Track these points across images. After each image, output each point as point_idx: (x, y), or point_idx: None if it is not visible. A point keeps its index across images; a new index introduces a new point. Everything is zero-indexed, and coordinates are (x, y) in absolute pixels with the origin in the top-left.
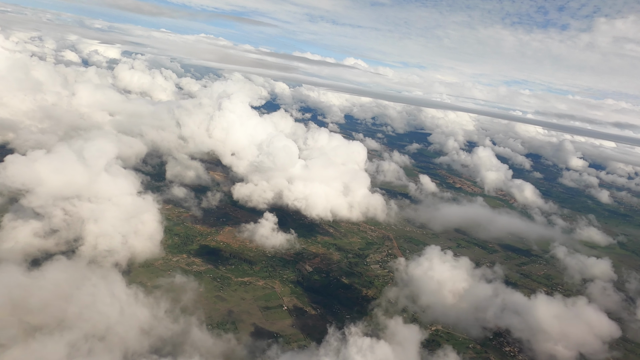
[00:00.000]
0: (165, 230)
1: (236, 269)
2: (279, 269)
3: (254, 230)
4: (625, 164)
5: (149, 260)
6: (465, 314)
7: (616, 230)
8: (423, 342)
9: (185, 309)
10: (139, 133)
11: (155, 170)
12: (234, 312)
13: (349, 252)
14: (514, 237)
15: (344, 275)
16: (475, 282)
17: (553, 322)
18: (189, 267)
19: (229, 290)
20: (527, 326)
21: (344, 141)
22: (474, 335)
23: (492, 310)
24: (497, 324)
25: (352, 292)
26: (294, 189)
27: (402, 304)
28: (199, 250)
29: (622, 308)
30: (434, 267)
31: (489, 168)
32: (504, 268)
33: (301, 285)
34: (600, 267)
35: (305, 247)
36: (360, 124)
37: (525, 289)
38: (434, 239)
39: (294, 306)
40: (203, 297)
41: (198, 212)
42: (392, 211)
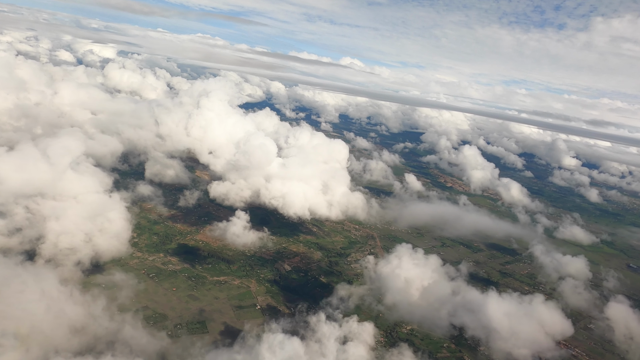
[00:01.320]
0: (145, 229)
1: (213, 268)
2: (256, 268)
3: (226, 229)
4: (619, 163)
5: (124, 259)
6: (429, 312)
7: (604, 229)
8: (397, 341)
9: (148, 308)
10: (116, 131)
11: (138, 169)
12: (205, 311)
13: (331, 251)
14: (498, 236)
15: (323, 275)
16: (441, 280)
17: (503, 321)
18: (164, 266)
19: (203, 290)
20: (479, 325)
21: (326, 140)
22: (439, 334)
23: (447, 308)
24: (452, 322)
25: (329, 291)
26: (271, 187)
27: (367, 302)
28: (177, 250)
29: (594, 306)
30: (402, 266)
31: (474, 167)
32: (486, 267)
33: (278, 285)
34: (575, 265)
35: (286, 246)
36: (354, 123)
37: (506, 287)
38: (418, 238)
39: (267, 305)
40: (175, 297)
41: (180, 211)
42: (374, 210)
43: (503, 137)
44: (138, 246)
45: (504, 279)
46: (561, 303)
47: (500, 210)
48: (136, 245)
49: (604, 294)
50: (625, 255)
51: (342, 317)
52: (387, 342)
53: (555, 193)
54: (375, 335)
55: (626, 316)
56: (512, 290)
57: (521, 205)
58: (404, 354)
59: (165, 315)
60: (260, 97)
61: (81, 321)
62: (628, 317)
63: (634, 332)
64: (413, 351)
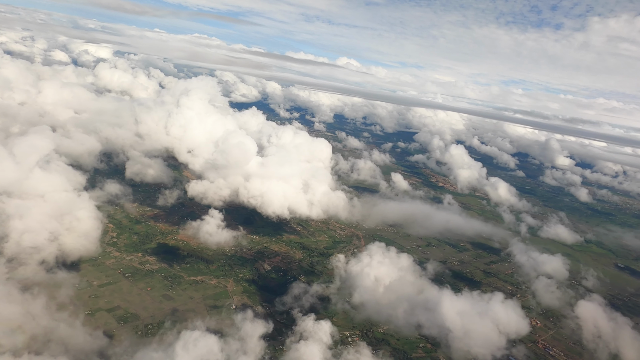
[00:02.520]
0: (125, 228)
1: (191, 267)
2: (236, 268)
3: (199, 228)
4: (614, 163)
5: (101, 259)
6: (395, 310)
7: (594, 229)
8: (373, 341)
9: (120, 307)
10: (96, 130)
11: (120, 168)
12: (178, 311)
13: (314, 251)
14: (484, 235)
15: (303, 274)
16: (409, 279)
17: (457, 320)
18: (141, 266)
19: (179, 289)
20: (434, 324)
21: (309, 139)
22: (407, 333)
23: (410, 307)
24: (410, 320)
25: (305, 291)
26: (250, 186)
27: (334, 301)
28: (156, 249)
29: (567, 304)
30: (372, 265)
31: (460, 166)
32: (471, 266)
33: (255, 284)
34: (552, 264)
35: (267, 246)
36: (349, 123)
37: (488, 287)
38: (404, 238)
39: (242, 305)
40: (149, 296)
41: (163, 210)
42: (357, 209)
43: (497, 136)
44: (117, 246)
45: (487, 279)
46: (535, 302)
47: (486, 210)
48: (115, 245)
49: (579, 293)
50: (614, 255)
51: (301, 315)
52: (362, 342)
53: (547, 193)
54: (333, 333)
55: (595, 315)
56: (493, 290)
57: (508, 204)
58: (362, 353)
59: (137, 315)
60: (256, 97)
61: (20, 320)
62: (597, 316)
63: (603, 331)
64: (372, 349)
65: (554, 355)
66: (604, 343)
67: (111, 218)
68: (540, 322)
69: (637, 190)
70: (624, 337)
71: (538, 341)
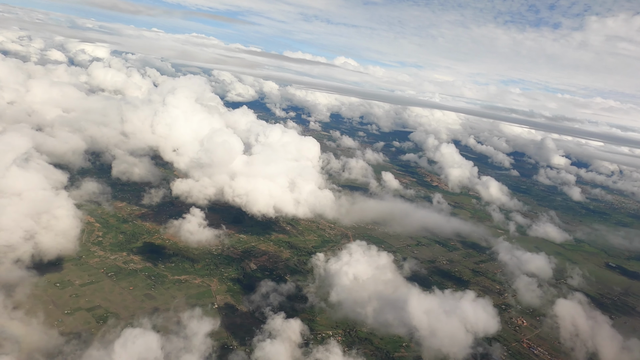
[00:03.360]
0: (112, 228)
1: (176, 267)
2: (221, 267)
3: (180, 227)
4: (610, 163)
5: (85, 258)
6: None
7: (587, 228)
8: (356, 340)
9: (100, 307)
10: (82, 129)
11: (108, 167)
12: (159, 310)
13: (302, 250)
14: (475, 235)
15: (289, 273)
16: (387, 278)
17: (422, 318)
18: (125, 265)
19: (161, 289)
20: (402, 322)
21: (297, 137)
22: (386, 333)
23: (380, 306)
24: (384, 319)
25: (288, 289)
26: (235, 185)
27: (318, 300)
28: (141, 248)
29: (548, 302)
30: (351, 263)
31: (451, 165)
32: (460, 266)
33: (240, 283)
34: (536, 263)
35: (255, 245)
36: (345, 122)
37: (476, 286)
38: (394, 237)
39: (225, 304)
40: (131, 296)
41: (151, 209)
42: (345, 208)
43: (494, 136)
44: (101, 245)
45: (475, 278)
46: (520, 301)
47: (478, 209)
48: (99, 244)
49: (562, 292)
50: (606, 254)
51: (272, 314)
52: (345, 341)
53: (542, 192)
54: (304, 331)
55: (574, 314)
56: (481, 289)
57: (499, 203)
58: (331, 351)
59: (117, 314)
60: (253, 96)
61: None
62: (576, 314)
63: (580, 330)
64: (352, 348)
65: (538, 355)
66: (582, 341)
67: (98, 217)
68: (526, 321)
69: (632, 189)
70: (602, 336)
71: (523, 340)
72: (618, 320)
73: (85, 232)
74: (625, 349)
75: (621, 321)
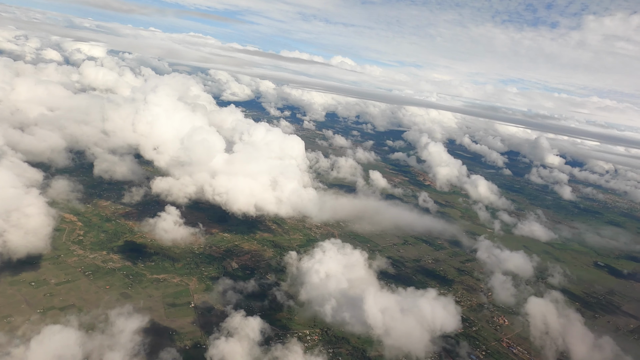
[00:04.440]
0: (94, 226)
1: (156, 265)
2: (202, 266)
3: (155, 224)
4: (605, 162)
5: (63, 257)
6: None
7: (577, 226)
8: (332, 339)
9: (74, 306)
10: (61, 127)
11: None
12: (135, 309)
13: (286, 249)
14: (458, 233)
15: (270, 272)
16: (357, 276)
17: (377, 316)
18: (103, 264)
19: (139, 288)
20: (358, 320)
21: (282, 136)
22: (351, 331)
23: (335, 304)
24: (336, 317)
25: (269, 288)
26: (216, 183)
27: (279, 298)
28: (122, 247)
29: (522, 301)
30: (324, 262)
31: (439, 164)
32: (445, 265)
33: (219, 282)
34: (515, 262)
35: (238, 244)
36: (340, 121)
37: (460, 285)
38: (381, 236)
39: (202, 303)
40: (106, 295)
41: (135, 208)
42: (329, 206)
43: (489, 135)
44: (82, 244)
45: (460, 277)
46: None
47: (468, 208)
48: (80, 243)
49: (540, 290)
50: (596, 253)
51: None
52: (322, 340)
53: (536, 191)
54: (264, 329)
55: (545, 312)
56: (464, 288)
57: (487, 202)
58: (291, 349)
59: (90, 313)
60: (249, 95)
61: None
62: (547, 313)
63: (551, 328)
64: (329, 348)
65: (517, 354)
66: (552, 340)
67: (80, 216)
68: (508, 320)
69: (625, 188)
70: (573, 334)
71: (503, 339)
72: (602, 319)
73: (66, 231)
74: (596, 347)
75: (604, 320)
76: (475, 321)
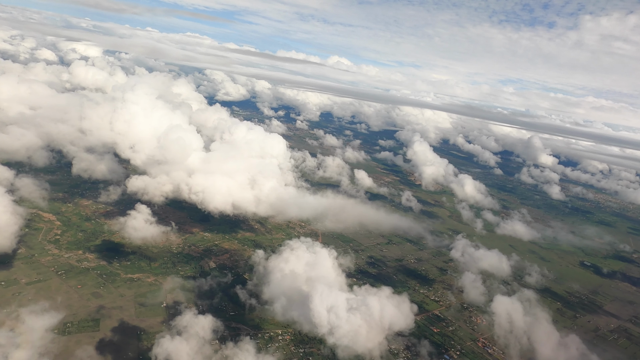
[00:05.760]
0: (73, 226)
1: (132, 265)
2: (179, 266)
3: (125, 223)
4: (599, 162)
5: (37, 256)
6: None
7: (567, 226)
8: (305, 339)
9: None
10: (37, 126)
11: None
12: (104, 309)
13: (267, 248)
14: (444, 232)
15: (248, 272)
16: (323, 276)
17: (323, 315)
18: (78, 264)
19: (111, 287)
20: (306, 319)
21: (263, 134)
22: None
23: (281, 303)
24: (284, 316)
25: (247, 288)
26: (192, 182)
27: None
28: (100, 246)
29: (490, 300)
30: (290, 260)
31: (424, 163)
32: (428, 264)
33: (195, 282)
34: (489, 261)
35: (218, 244)
36: (335, 121)
37: (441, 284)
38: (365, 236)
39: (174, 303)
40: (77, 294)
41: (117, 207)
42: (311, 205)
43: (483, 134)
44: (58, 243)
45: (442, 276)
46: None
47: (455, 208)
48: (56, 242)
49: (514, 289)
50: (583, 253)
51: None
52: (294, 340)
53: (528, 191)
54: (217, 328)
55: (510, 311)
56: (445, 287)
57: (474, 201)
58: (242, 348)
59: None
60: (244, 95)
61: None
62: (513, 311)
63: (516, 327)
64: (300, 348)
65: (492, 354)
66: (516, 338)
67: (60, 215)
68: (485, 320)
69: (616, 188)
70: (538, 333)
71: (479, 339)
72: (582, 319)
73: (43, 230)
74: (561, 345)
75: (585, 320)
76: (453, 321)
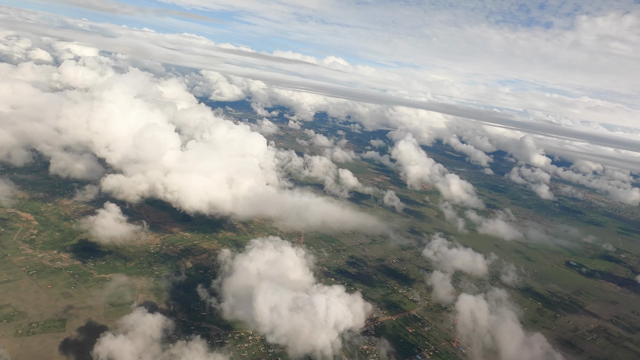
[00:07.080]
0: (50, 225)
1: (107, 265)
2: (155, 266)
3: (93, 222)
4: (593, 162)
5: (9, 256)
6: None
7: (556, 226)
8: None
9: (9, 305)
10: (14, 124)
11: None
12: (73, 309)
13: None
14: (430, 232)
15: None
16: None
17: (265, 314)
18: (51, 264)
19: (83, 287)
20: (250, 318)
21: (243, 133)
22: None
23: (228, 302)
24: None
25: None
26: (168, 180)
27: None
28: (76, 246)
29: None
30: (255, 259)
31: (409, 162)
32: (410, 264)
33: (169, 282)
34: (462, 260)
35: (197, 243)
36: (329, 121)
37: (422, 284)
38: (349, 236)
39: (145, 303)
40: (46, 294)
41: (97, 206)
42: (291, 204)
43: (477, 135)
44: (33, 243)
45: (423, 276)
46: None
47: (442, 208)
48: (31, 242)
49: (487, 289)
50: (570, 253)
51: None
52: (264, 341)
53: (520, 191)
54: (167, 327)
55: (474, 309)
56: (425, 287)
57: (460, 201)
58: (192, 347)
59: (24, 313)
60: (239, 95)
61: None
62: (477, 310)
63: (479, 325)
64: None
65: (466, 354)
66: (478, 337)
67: (39, 215)
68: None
69: (607, 188)
70: (502, 332)
71: (454, 339)
72: (562, 318)
73: (19, 230)
74: (525, 344)
75: (565, 320)
76: (429, 321)
